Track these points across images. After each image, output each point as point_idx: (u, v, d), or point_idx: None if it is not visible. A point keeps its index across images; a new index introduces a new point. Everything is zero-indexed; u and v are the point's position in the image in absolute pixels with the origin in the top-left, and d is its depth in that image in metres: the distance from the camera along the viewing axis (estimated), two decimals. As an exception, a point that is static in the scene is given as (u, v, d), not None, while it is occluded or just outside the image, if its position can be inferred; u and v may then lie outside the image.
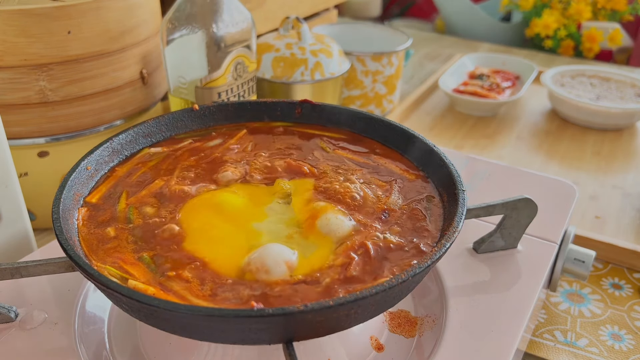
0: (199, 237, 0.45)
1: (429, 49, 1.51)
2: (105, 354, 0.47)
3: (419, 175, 0.53)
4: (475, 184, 0.66)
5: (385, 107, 1.08)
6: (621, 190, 0.89)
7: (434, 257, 0.40)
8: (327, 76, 0.89)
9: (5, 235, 0.58)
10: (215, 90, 0.73)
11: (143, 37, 0.74)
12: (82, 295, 0.51)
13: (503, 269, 0.54)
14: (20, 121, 0.68)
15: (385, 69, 1.02)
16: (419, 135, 0.55)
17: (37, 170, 0.71)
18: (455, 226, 0.43)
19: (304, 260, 0.43)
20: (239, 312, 0.35)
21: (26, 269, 0.45)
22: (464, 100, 1.10)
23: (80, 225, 0.46)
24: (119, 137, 0.55)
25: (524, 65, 1.22)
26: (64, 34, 0.65)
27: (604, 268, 0.73)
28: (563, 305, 0.67)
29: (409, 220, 0.47)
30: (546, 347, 0.61)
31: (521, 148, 1.02)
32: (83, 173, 0.50)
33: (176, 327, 0.38)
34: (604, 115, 1.05)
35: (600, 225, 0.81)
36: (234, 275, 0.41)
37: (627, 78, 1.16)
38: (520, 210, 0.53)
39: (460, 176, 0.48)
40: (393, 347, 0.48)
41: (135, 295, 0.36)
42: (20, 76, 0.65)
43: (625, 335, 0.63)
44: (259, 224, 0.46)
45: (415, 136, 0.55)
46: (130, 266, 0.42)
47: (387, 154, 0.57)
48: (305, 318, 0.36)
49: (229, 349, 0.47)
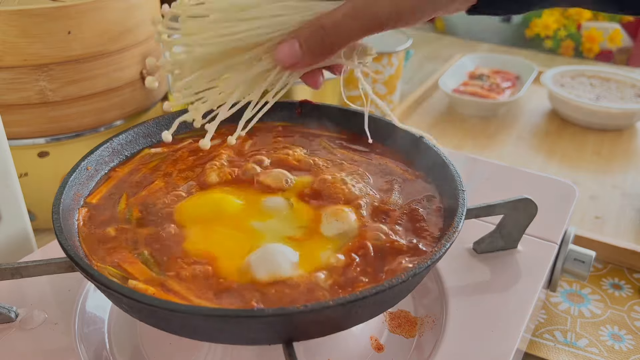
0: (199, 238, 0.45)
1: (429, 49, 1.51)
2: (105, 354, 0.47)
3: (419, 175, 0.53)
4: (475, 184, 0.66)
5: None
6: (621, 191, 0.89)
7: (434, 257, 0.40)
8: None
9: (5, 235, 0.58)
10: (215, 91, 0.73)
11: (143, 37, 0.74)
12: (82, 296, 0.51)
13: (503, 269, 0.54)
14: (21, 121, 0.68)
15: (385, 69, 1.03)
16: (419, 136, 0.55)
17: (37, 170, 0.71)
18: (455, 226, 0.43)
19: (305, 260, 0.43)
20: (239, 312, 0.35)
21: (26, 269, 0.45)
22: (464, 100, 1.10)
23: (80, 226, 0.46)
24: (119, 137, 0.55)
25: (524, 65, 1.22)
26: (64, 34, 0.65)
27: (603, 268, 0.73)
28: (563, 305, 0.67)
29: (409, 220, 0.47)
30: (546, 347, 0.61)
31: (521, 148, 1.02)
32: (83, 173, 0.50)
33: (176, 327, 0.38)
34: (604, 116, 1.05)
35: (600, 226, 0.81)
36: (235, 275, 0.41)
37: (627, 78, 1.16)
38: (520, 210, 0.53)
39: (460, 176, 0.48)
40: (393, 347, 0.48)
41: (135, 295, 0.36)
42: (20, 76, 0.65)
43: (625, 335, 0.63)
44: (259, 223, 0.46)
45: (416, 136, 0.55)
46: (130, 266, 0.42)
47: (387, 153, 0.57)
48: (305, 318, 0.36)
49: (228, 349, 0.47)
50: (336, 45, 0.41)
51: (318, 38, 0.41)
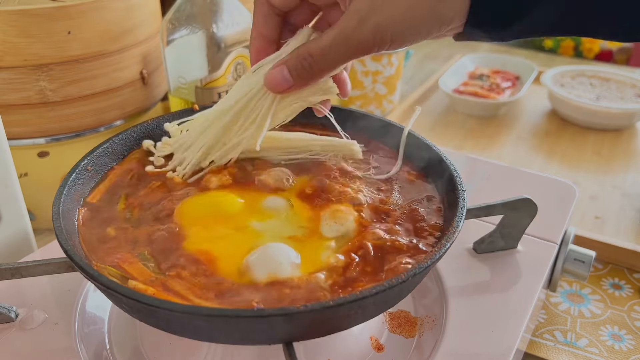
0: (199, 238, 0.45)
1: (429, 49, 1.51)
2: (105, 354, 0.47)
3: (419, 176, 0.53)
4: (475, 184, 0.66)
5: (386, 107, 1.08)
6: (621, 191, 0.89)
7: (434, 257, 0.40)
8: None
9: (5, 235, 0.58)
10: (215, 91, 0.73)
11: (143, 38, 0.74)
12: (82, 296, 0.51)
13: (503, 269, 0.54)
14: (21, 121, 0.68)
15: (385, 69, 1.02)
16: (419, 136, 0.55)
17: (37, 170, 0.71)
18: (455, 226, 0.43)
19: (305, 260, 0.43)
20: (239, 312, 0.35)
21: (26, 269, 0.45)
22: (464, 100, 1.10)
23: (80, 225, 0.46)
24: (119, 137, 0.55)
25: (524, 65, 1.22)
26: (64, 34, 0.65)
27: (604, 268, 0.73)
28: (563, 305, 0.67)
29: (409, 221, 0.47)
30: (546, 347, 0.61)
31: (521, 148, 1.02)
32: (83, 173, 0.50)
33: (176, 327, 0.38)
34: (604, 116, 1.05)
35: (600, 226, 0.81)
36: (234, 275, 0.41)
37: (627, 78, 1.16)
38: (520, 211, 0.53)
39: (460, 176, 0.48)
40: (393, 347, 0.48)
41: (135, 296, 0.36)
42: (21, 76, 0.65)
43: (625, 335, 0.63)
44: (259, 223, 0.46)
45: (416, 136, 0.55)
46: (130, 266, 0.42)
47: (387, 154, 0.57)
48: (305, 318, 0.36)
49: (229, 349, 0.47)
50: (325, 71, 0.44)
51: (306, 65, 0.43)
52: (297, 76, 0.44)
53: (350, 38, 0.41)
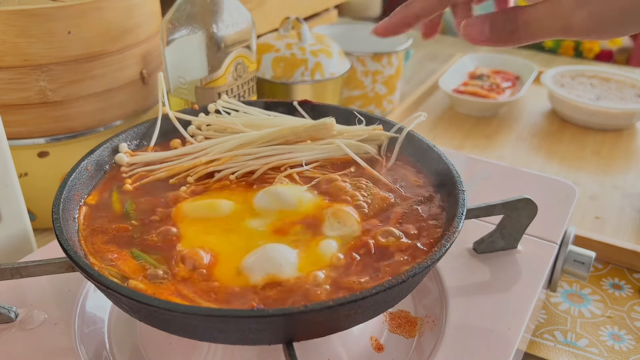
0: (196, 239, 0.45)
1: (429, 49, 1.51)
2: (105, 354, 0.47)
3: (419, 176, 0.53)
4: (475, 184, 0.66)
5: (386, 107, 1.08)
6: (621, 191, 0.89)
7: (434, 257, 0.40)
8: (327, 76, 0.89)
9: (5, 235, 0.58)
10: (216, 91, 0.73)
11: (143, 37, 0.74)
12: (82, 296, 0.51)
13: (503, 269, 0.54)
14: (20, 121, 0.68)
15: (385, 69, 1.02)
16: (419, 136, 0.55)
17: (37, 170, 0.71)
18: (455, 226, 0.43)
19: (305, 259, 0.43)
20: (239, 312, 0.35)
21: (26, 269, 0.45)
22: (464, 100, 1.10)
23: (80, 225, 0.46)
24: (119, 137, 0.55)
25: (524, 65, 1.22)
26: (64, 34, 0.65)
27: (604, 268, 0.73)
28: (563, 305, 0.67)
29: (409, 221, 0.47)
30: (546, 347, 0.61)
31: (521, 148, 1.02)
32: (83, 173, 0.50)
33: (176, 327, 0.38)
34: (603, 116, 1.05)
35: (600, 226, 0.81)
36: (233, 275, 0.41)
37: (627, 78, 1.16)
38: (520, 211, 0.53)
39: (460, 176, 0.48)
40: (393, 347, 0.48)
41: (135, 296, 0.36)
42: (21, 76, 0.65)
43: (625, 335, 0.63)
44: (258, 222, 0.46)
45: (416, 136, 0.55)
46: (129, 266, 0.42)
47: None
48: (305, 318, 0.36)
49: (229, 349, 0.47)
50: (522, 40, 0.42)
51: (509, 28, 0.42)
52: (495, 35, 0.42)
53: (564, 17, 0.39)
